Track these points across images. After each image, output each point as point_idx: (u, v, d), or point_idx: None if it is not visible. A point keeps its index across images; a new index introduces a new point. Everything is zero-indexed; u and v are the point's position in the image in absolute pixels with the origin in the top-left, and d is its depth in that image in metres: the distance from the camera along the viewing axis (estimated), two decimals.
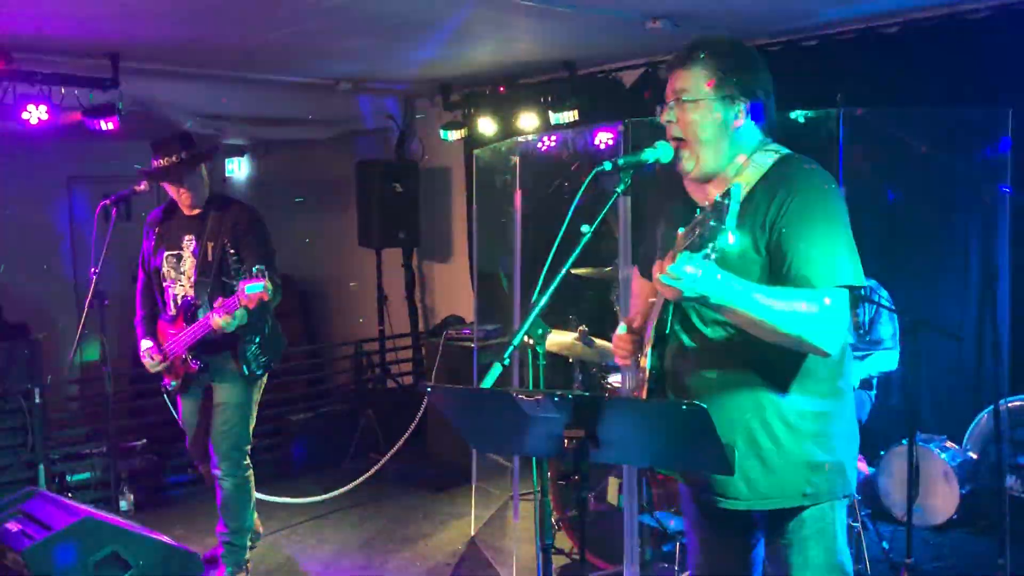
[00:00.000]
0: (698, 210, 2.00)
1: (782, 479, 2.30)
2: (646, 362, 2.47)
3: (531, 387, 2.70)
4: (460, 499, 5.70)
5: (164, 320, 4.26)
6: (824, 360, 2.24)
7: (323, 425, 6.52)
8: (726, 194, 1.85)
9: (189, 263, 4.16)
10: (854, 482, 2.40)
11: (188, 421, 4.40)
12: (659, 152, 2.41)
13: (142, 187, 4.30)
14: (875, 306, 4.33)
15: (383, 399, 6.98)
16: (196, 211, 4.21)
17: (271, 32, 5.14)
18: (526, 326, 2.22)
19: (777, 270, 2.21)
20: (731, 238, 1.85)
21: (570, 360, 5.17)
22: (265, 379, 4.38)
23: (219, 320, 3.87)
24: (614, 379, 4.93)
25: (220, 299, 3.91)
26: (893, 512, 4.75)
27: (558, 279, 2.29)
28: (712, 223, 1.85)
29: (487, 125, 6.86)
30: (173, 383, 4.30)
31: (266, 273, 3.71)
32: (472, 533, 5.05)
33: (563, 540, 4.53)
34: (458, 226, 7.76)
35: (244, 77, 6.48)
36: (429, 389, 2.08)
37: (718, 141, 2.33)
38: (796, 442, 2.29)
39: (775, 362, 2.27)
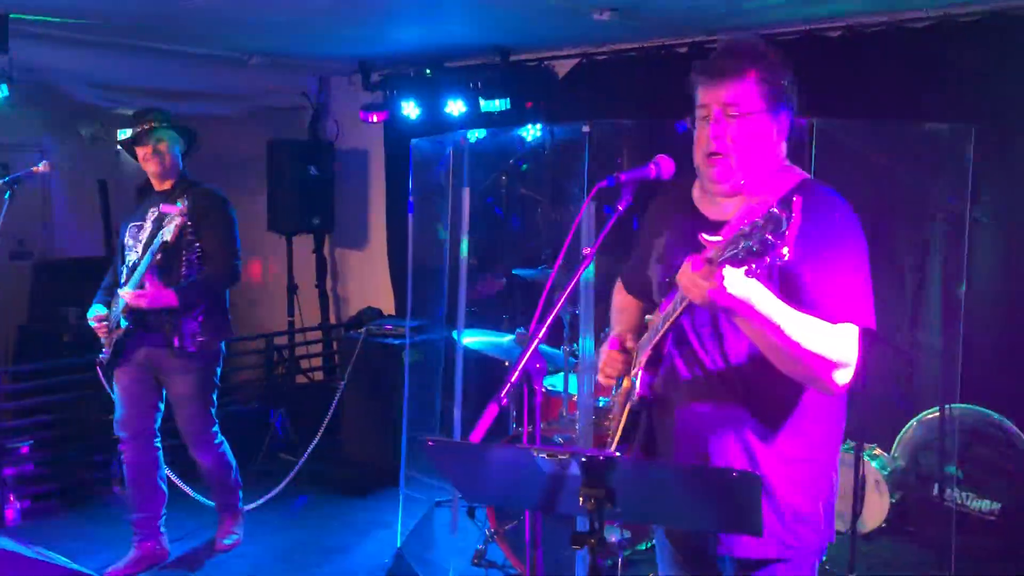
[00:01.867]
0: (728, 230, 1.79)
1: (767, 528, 2.13)
2: (629, 383, 2.34)
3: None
4: (381, 504, 5.44)
5: (117, 291, 4.24)
6: (821, 403, 2.16)
7: (231, 425, 6.07)
8: (786, 204, 1.66)
9: (147, 232, 4.20)
10: (832, 532, 2.28)
11: (122, 397, 4.35)
12: (661, 168, 2.23)
13: (40, 168, 4.27)
14: None
15: (294, 396, 6.61)
16: (166, 185, 4.29)
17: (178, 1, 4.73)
18: (524, 361, 1.99)
19: (790, 296, 2.04)
20: (787, 254, 1.66)
21: (506, 363, 4.97)
22: (220, 362, 4.45)
23: (130, 296, 4.01)
24: (548, 382, 4.78)
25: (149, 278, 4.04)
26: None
27: (556, 310, 2.09)
28: (767, 236, 1.66)
29: (411, 109, 6.56)
30: (104, 351, 4.30)
31: (186, 201, 3.95)
32: (399, 544, 4.79)
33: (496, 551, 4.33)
34: (376, 212, 7.43)
35: (147, 47, 5.98)
36: (431, 444, 1.81)
37: (762, 155, 2.18)
38: (785, 491, 2.17)
39: (771, 401, 2.15)
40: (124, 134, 4.33)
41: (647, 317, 2.35)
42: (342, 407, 6.02)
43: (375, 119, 6.72)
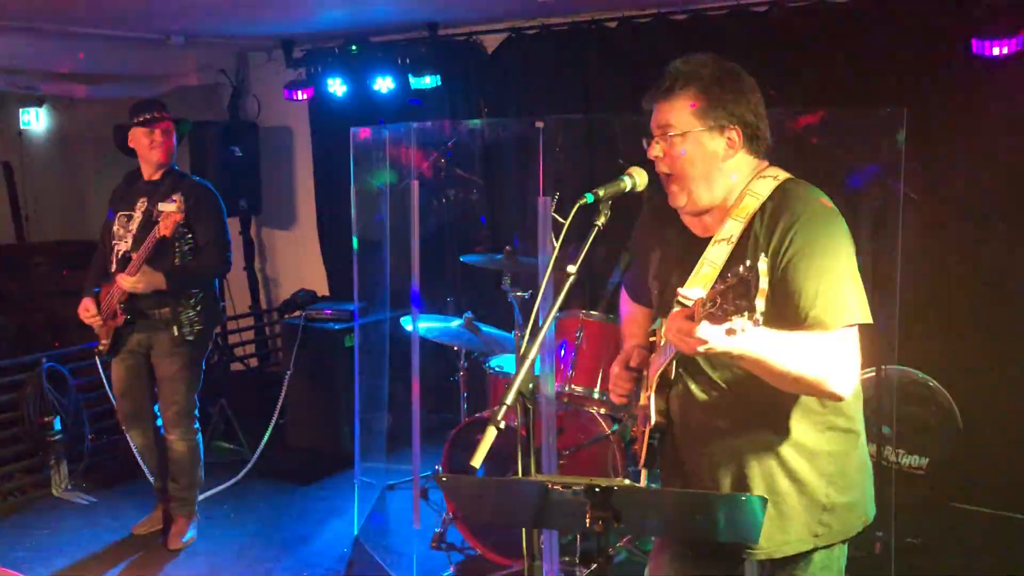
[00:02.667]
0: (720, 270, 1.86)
1: (796, 525, 2.26)
2: (647, 401, 2.37)
3: None
4: (332, 492, 5.45)
5: (105, 283, 4.40)
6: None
7: None
8: (751, 269, 1.70)
9: (137, 222, 4.31)
10: (872, 510, 2.37)
11: (120, 388, 4.53)
12: (636, 179, 2.28)
13: None
14: None
15: (232, 384, 6.50)
16: (156, 175, 4.40)
17: None
18: (518, 382, 2.02)
19: (782, 305, 2.08)
20: (756, 320, 1.69)
21: (455, 348, 5.01)
22: (208, 347, 4.65)
23: (126, 281, 4.14)
24: (495, 363, 4.83)
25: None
26: None
27: (551, 323, 2.12)
28: (739, 301, 1.70)
29: (337, 86, 6.44)
30: (103, 343, 4.42)
31: (182, 197, 4.07)
32: (355, 532, 4.81)
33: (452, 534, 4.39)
34: (303, 192, 7.31)
35: (58, 31, 5.69)
36: (445, 479, 1.85)
37: (710, 173, 2.22)
38: (813, 486, 2.24)
39: (787, 404, 2.20)
40: (136, 118, 4.39)
41: (651, 338, 2.41)
42: (285, 394, 5.96)
43: (301, 96, 6.57)
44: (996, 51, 4.28)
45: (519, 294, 4.42)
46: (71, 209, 8.59)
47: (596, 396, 4.18)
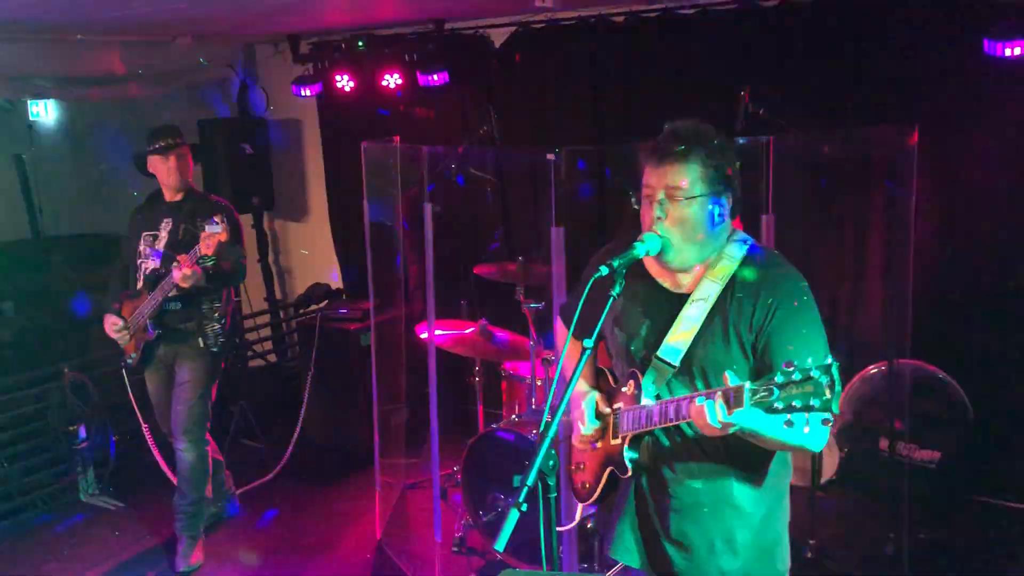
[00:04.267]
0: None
1: (757, 565, 2.40)
2: (609, 441, 2.49)
3: None
4: (353, 493, 5.54)
5: (129, 297, 4.54)
6: None
7: None
8: (827, 370, 1.84)
9: (163, 241, 4.51)
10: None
11: (155, 398, 4.73)
12: (648, 245, 2.33)
13: None
14: None
15: (251, 381, 6.59)
16: (177, 196, 4.57)
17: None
18: (539, 461, 2.08)
19: (763, 371, 2.22)
20: (827, 422, 1.88)
21: (476, 367, 5.08)
22: (222, 363, 4.74)
23: (180, 272, 4.18)
24: (511, 369, 4.90)
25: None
26: None
27: (569, 392, 2.18)
28: (812, 401, 1.84)
29: (345, 82, 6.42)
30: (132, 355, 4.56)
31: (225, 221, 4.13)
32: (378, 536, 4.92)
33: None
34: (314, 185, 7.34)
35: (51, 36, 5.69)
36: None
37: (705, 235, 2.31)
38: (767, 527, 2.41)
39: (750, 454, 2.34)
40: (153, 146, 4.52)
41: (622, 388, 2.47)
42: (300, 392, 6.06)
43: (308, 93, 6.56)
44: (1008, 52, 4.25)
45: (533, 305, 4.47)
46: (84, 202, 8.62)
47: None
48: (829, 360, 1.85)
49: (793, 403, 1.85)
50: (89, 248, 7.79)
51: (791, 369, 1.87)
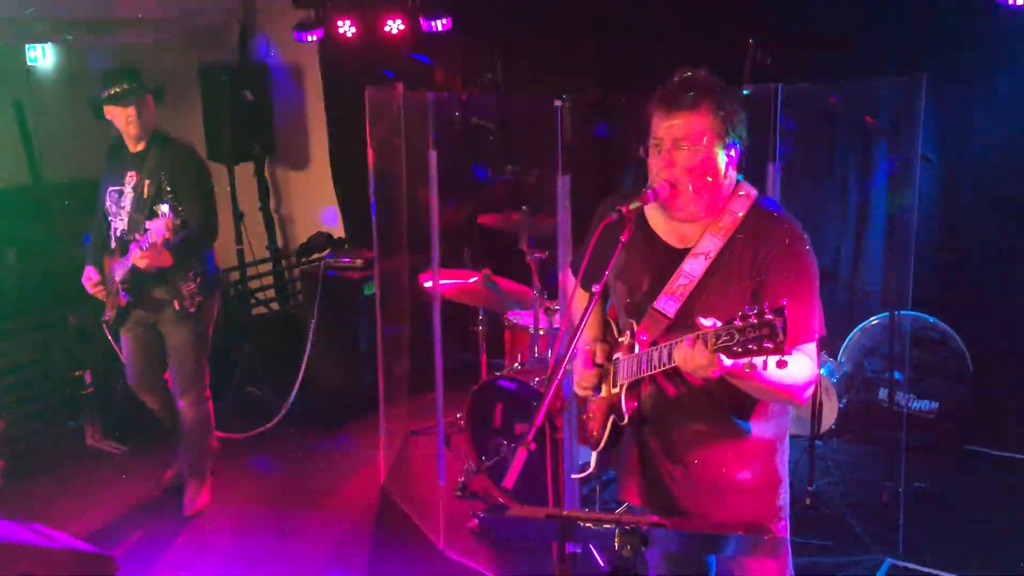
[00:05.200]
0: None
1: (759, 504, 2.46)
2: (608, 393, 2.53)
3: None
4: (356, 438, 5.61)
5: (108, 254, 4.42)
6: None
7: None
8: (779, 312, 1.84)
9: (128, 199, 4.29)
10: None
11: (129, 357, 4.59)
12: (658, 191, 2.32)
13: None
14: None
15: (254, 328, 6.62)
16: (140, 146, 4.31)
17: None
18: (546, 402, 2.10)
19: None
20: (783, 363, 1.88)
21: (480, 318, 5.10)
22: (214, 316, 4.60)
23: (135, 256, 4.08)
24: (515, 318, 4.94)
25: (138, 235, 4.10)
26: None
27: (575, 339, 2.20)
28: (766, 344, 1.86)
29: (347, 28, 6.34)
30: (109, 314, 4.49)
31: (169, 213, 3.98)
32: (382, 481, 4.99)
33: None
34: (316, 132, 7.28)
35: None
36: (481, 517, 1.95)
37: (713, 186, 2.32)
38: (767, 469, 2.46)
39: (748, 399, 2.38)
40: (107, 93, 4.23)
41: (621, 340, 2.49)
42: (304, 339, 6.09)
43: (310, 38, 6.49)
44: (1017, 0, 4.21)
45: (537, 255, 4.48)
46: (84, 148, 8.56)
47: None
48: (782, 302, 1.88)
49: (749, 346, 1.89)
50: (90, 194, 7.71)
51: (749, 313, 1.90)
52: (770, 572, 2.51)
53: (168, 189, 4.22)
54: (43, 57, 8.46)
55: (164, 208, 4.01)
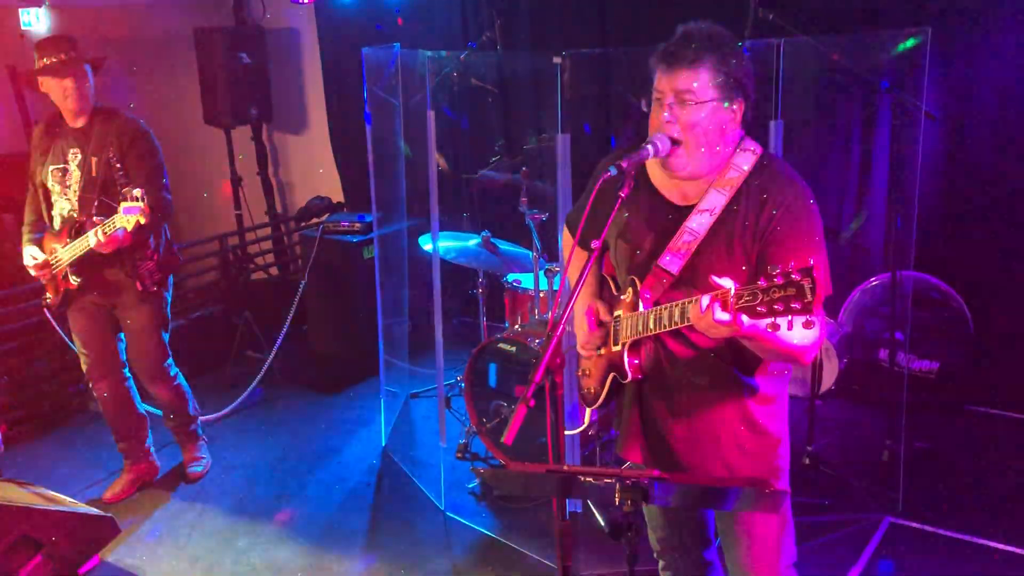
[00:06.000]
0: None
1: (759, 461, 2.45)
2: (610, 352, 2.52)
3: None
4: (357, 401, 5.63)
5: (50, 234, 4.16)
6: None
7: (197, 331, 6.13)
8: (807, 272, 1.80)
9: (75, 177, 4.06)
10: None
11: (82, 339, 4.33)
12: (658, 146, 2.29)
13: None
14: None
15: (254, 294, 6.61)
16: (81, 121, 4.07)
17: None
18: (545, 359, 2.09)
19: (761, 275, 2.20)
20: (810, 323, 1.84)
21: (480, 278, 5.08)
22: (171, 292, 4.40)
23: (96, 239, 3.83)
24: (512, 277, 4.92)
25: (100, 219, 3.87)
26: None
27: (574, 296, 2.18)
28: (793, 304, 1.82)
29: None
30: (50, 297, 4.24)
31: (145, 198, 3.68)
32: (383, 443, 5.01)
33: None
34: (313, 96, 7.23)
35: None
36: (482, 472, 1.95)
37: (715, 143, 2.29)
38: (772, 426, 2.45)
39: (750, 358, 2.36)
40: (40, 64, 3.96)
41: (622, 297, 2.47)
42: (305, 304, 6.09)
43: (306, 0, 6.41)
44: None
45: (536, 216, 4.45)
46: None
47: None
48: (811, 262, 1.85)
49: (775, 306, 1.86)
50: None
51: (774, 273, 1.87)
52: (771, 528, 2.51)
53: (118, 167, 3.99)
54: (37, 21, 8.34)
55: (137, 192, 3.65)
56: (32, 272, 4.20)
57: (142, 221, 3.69)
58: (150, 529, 4.26)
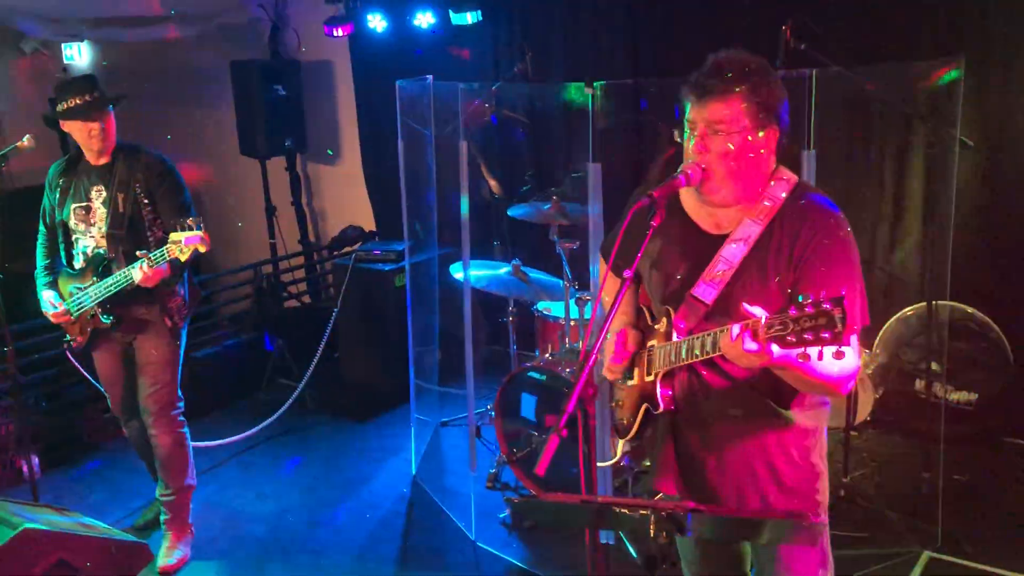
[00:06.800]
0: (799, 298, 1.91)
1: (796, 496, 2.40)
2: (640, 380, 2.51)
3: None
4: (388, 428, 5.65)
5: (68, 275, 4.05)
6: None
7: (230, 357, 6.19)
8: (838, 302, 1.79)
9: (100, 215, 3.96)
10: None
11: (108, 379, 4.23)
12: (690, 175, 2.29)
13: (25, 143, 4.03)
14: None
15: (287, 322, 6.67)
16: (104, 159, 3.96)
17: None
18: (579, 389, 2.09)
19: None
20: (840, 354, 1.83)
21: (512, 309, 5.10)
22: (185, 330, 4.21)
23: (141, 272, 3.73)
24: (543, 305, 4.93)
25: (145, 251, 3.75)
26: None
27: (607, 325, 2.18)
28: (823, 334, 1.80)
29: (377, 21, 6.36)
30: (76, 339, 4.10)
31: (201, 224, 3.60)
32: (414, 472, 5.01)
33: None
34: (346, 127, 7.32)
35: None
36: (516, 501, 1.95)
37: (749, 171, 2.27)
38: (807, 460, 2.41)
39: (787, 390, 2.33)
40: (65, 106, 3.81)
41: (655, 325, 2.47)
42: (337, 331, 6.13)
43: (340, 33, 6.51)
44: None
45: (567, 244, 4.46)
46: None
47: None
48: (842, 292, 1.84)
49: (805, 336, 1.85)
50: None
51: (805, 302, 1.86)
52: (811, 564, 2.45)
53: (145, 203, 3.92)
54: (79, 55, 8.54)
55: (192, 221, 3.59)
56: (53, 320, 4.06)
57: (202, 249, 3.60)
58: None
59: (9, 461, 5.14)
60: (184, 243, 3.57)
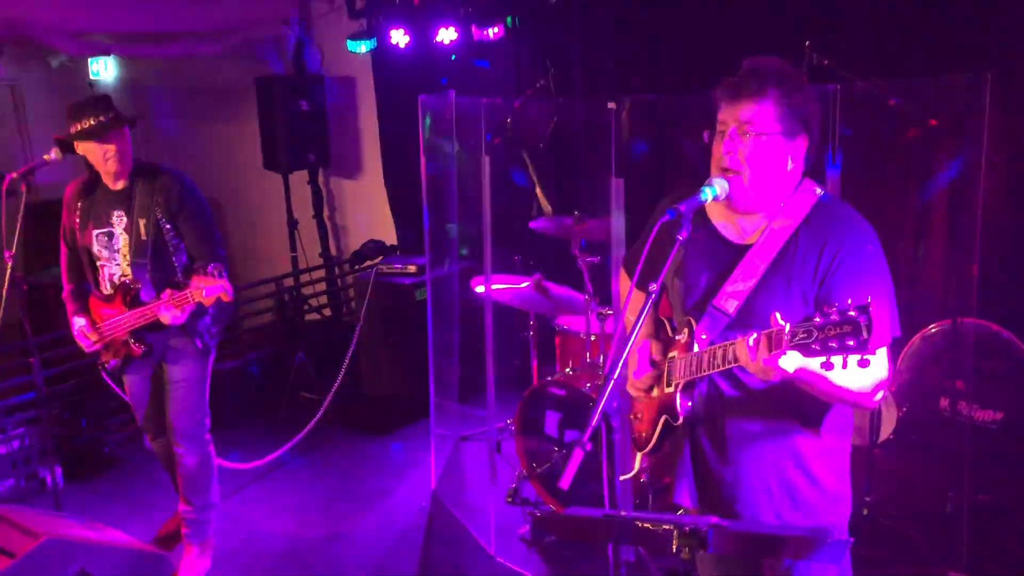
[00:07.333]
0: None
1: (813, 516, 2.38)
2: (662, 393, 2.49)
3: None
4: (407, 443, 5.65)
5: (98, 298, 4.00)
6: None
7: (251, 373, 6.22)
8: (864, 310, 1.75)
9: (123, 241, 3.90)
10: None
11: (138, 398, 4.21)
12: (715, 190, 2.29)
13: (51, 156, 3.99)
14: None
15: (308, 335, 6.70)
16: (121, 183, 3.89)
17: None
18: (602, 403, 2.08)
19: None
20: (866, 362, 1.80)
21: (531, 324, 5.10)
22: (214, 349, 4.18)
23: (169, 315, 3.72)
24: (564, 322, 4.92)
25: (169, 292, 3.71)
26: None
27: (632, 340, 2.17)
28: (848, 342, 1.77)
29: (400, 37, 6.40)
30: (111, 361, 4.05)
31: (224, 272, 3.57)
32: (433, 486, 5.00)
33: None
34: (368, 142, 7.36)
35: None
36: (539, 516, 1.94)
37: (775, 177, 2.27)
38: (829, 481, 2.38)
39: (809, 406, 2.31)
40: (79, 127, 3.75)
41: (677, 336, 2.45)
42: (357, 345, 6.14)
43: (363, 49, 6.56)
44: None
45: (589, 259, 4.46)
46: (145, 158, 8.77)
47: None
48: (868, 299, 1.82)
49: (829, 343, 1.83)
50: None
51: (830, 310, 1.84)
52: None
53: (168, 227, 3.87)
54: (105, 70, 8.64)
55: (215, 271, 3.55)
56: (87, 348, 4.02)
57: (225, 299, 3.56)
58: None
59: (32, 472, 5.18)
60: (205, 294, 3.52)
